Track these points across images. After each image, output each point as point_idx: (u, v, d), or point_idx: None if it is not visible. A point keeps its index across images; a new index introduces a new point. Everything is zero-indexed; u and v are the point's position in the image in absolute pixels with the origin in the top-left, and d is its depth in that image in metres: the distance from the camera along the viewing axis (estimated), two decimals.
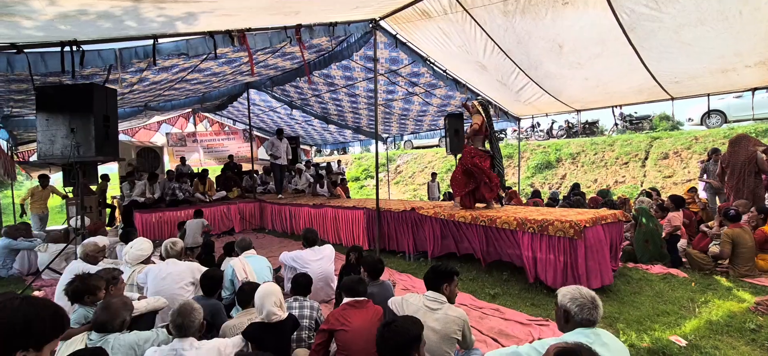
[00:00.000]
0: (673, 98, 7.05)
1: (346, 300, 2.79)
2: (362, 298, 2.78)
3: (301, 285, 3.26)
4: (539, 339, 3.20)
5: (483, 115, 5.35)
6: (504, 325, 3.70)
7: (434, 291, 2.62)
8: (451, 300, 2.64)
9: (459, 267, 5.34)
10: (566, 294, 2.07)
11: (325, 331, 2.64)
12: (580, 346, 1.62)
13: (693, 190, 6.99)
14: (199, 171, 11.19)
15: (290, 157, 9.72)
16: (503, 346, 3.15)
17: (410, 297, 2.71)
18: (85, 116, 4.62)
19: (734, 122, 12.49)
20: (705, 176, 7.17)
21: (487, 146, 5.52)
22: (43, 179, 8.68)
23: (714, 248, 5.03)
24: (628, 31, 5.02)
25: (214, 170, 12.71)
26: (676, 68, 5.90)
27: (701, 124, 13.05)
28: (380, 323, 2.64)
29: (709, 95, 6.86)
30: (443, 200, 10.51)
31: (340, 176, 12.41)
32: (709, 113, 12.39)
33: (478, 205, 5.60)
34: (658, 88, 6.57)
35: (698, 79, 6.21)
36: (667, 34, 4.99)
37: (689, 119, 13.61)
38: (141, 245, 4.06)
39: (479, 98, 5.92)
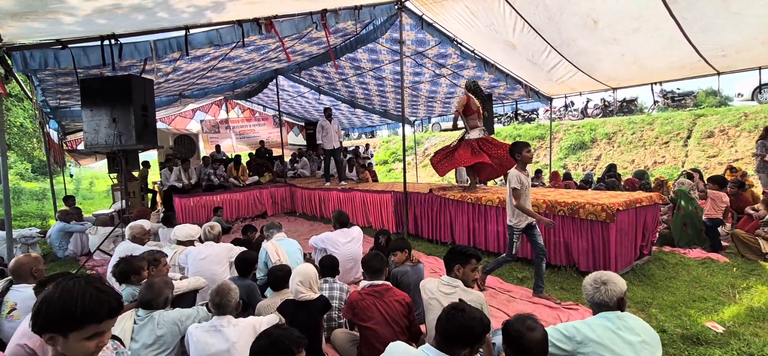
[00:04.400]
0: (719, 73, 6.60)
1: (364, 283, 2.81)
2: (381, 283, 2.75)
3: (327, 267, 3.38)
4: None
5: (469, 95, 5.77)
6: (532, 308, 3.70)
7: (448, 275, 2.61)
8: (467, 284, 2.57)
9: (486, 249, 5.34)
10: (587, 279, 2.12)
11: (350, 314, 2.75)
12: (520, 319, 1.82)
13: (733, 170, 6.60)
14: (233, 157, 11.59)
15: (341, 139, 8.79)
16: None
17: (427, 282, 2.72)
18: (125, 107, 4.89)
19: None
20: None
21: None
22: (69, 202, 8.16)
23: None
24: (670, 3, 4.73)
25: (247, 156, 13.12)
26: (723, 40, 5.51)
27: (752, 99, 12.18)
28: (406, 310, 2.68)
29: (760, 68, 6.36)
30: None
31: (368, 160, 12.51)
32: (761, 88, 11.53)
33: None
34: (702, 62, 6.18)
35: (748, 51, 5.78)
36: (713, 3, 4.66)
37: (739, 94, 12.73)
38: (190, 228, 4.42)
39: (466, 81, 6.07)
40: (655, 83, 7.60)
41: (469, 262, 2.59)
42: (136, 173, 9.44)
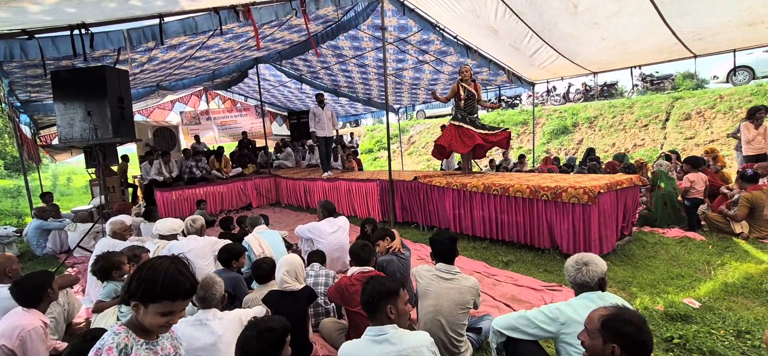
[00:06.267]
0: (696, 56, 6.74)
1: (353, 269, 2.85)
2: (369, 269, 2.82)
3: (314, 253, 3.40)
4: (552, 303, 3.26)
5: (460, 83, 5.77)
6: (517, 291, 3.76)
7: (445, 263, 2.63)
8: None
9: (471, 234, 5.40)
10: (569, 260, 2.15)
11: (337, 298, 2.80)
12: (624, 311, 1.62)
13: (707, 153, 6.79)
14: (215, 149, 11.39)
15: (336, 127, 8.55)
16: (515, 311, 3.22)
17: (421, 269, 2.75)
18: (100, 99, 4.74)
19: (764, 77, 11.92)
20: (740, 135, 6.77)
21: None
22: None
23: (729, 210, 4.92)
24: None
25: (229, 147, 12.90)
26: (700, 24, 5.62)
27: (727, 81, 12.51)
28: None
29: (735, 50, 6.53)
30: (458, 170, 10.48)
31: (353, 149, 12.44)
32: (735, 70, 11.84)
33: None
34: (679, 45, 6.29)
35: (723, 34, 5.91)
36: None
37: (714, 76, 13.05)
38: (172, 222, 4.34)
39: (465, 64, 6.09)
40: (635, 67, 7.73)
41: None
42: (114, 168, 9.19)
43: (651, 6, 5.13)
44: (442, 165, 10.03)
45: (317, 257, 3.48)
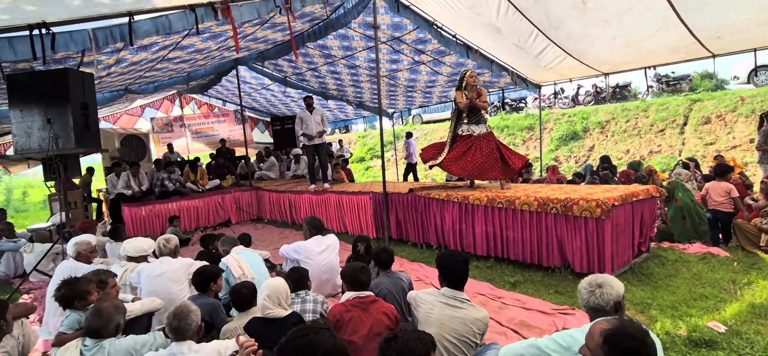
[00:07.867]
0: (714, 55, 6.89)
1: (349, 294, 2.83)
2: (367, 294, 2.79)
3: (294, 280, 3.34)
4: (564, 329, 3.27)
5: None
6: (525, 315, 3.76)
7: (452, 288, 2.59)
8: None
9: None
10: (582, 282, 2.16)
11: None
12: (626, 325, 1.65)
13: (719, 158, 6.94)
14: (189, 159, 11.31)
15: (325, 129, 8.16)
16: (524, 338, 3.21)
17: (422, 294, 2.73)
18: (62, 105, 4.70)
19: None
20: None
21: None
22: None
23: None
24: None
25: (206, 157, 12.84)
26: (718, 22, 5.75)
27: (748, 82, 12.77)
28: (393, 324, 2.70)
29: (755, 49, 6.68)
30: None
31: (342, 157, 12.46)
32: (756, 70, 12.11)
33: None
34: (696, 44, 6.42)
35: (743, 32, 6.04)
36: None
37: (734, 76, 13.33)
38: (142, 242, 4.31)
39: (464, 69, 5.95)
40: (649, 67, 7.86)
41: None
42: (77, 181, 9.11)
43: (665, 2, 5.24)
44: (447, 178, 10.07)
45: (298, 277, 3.40)
